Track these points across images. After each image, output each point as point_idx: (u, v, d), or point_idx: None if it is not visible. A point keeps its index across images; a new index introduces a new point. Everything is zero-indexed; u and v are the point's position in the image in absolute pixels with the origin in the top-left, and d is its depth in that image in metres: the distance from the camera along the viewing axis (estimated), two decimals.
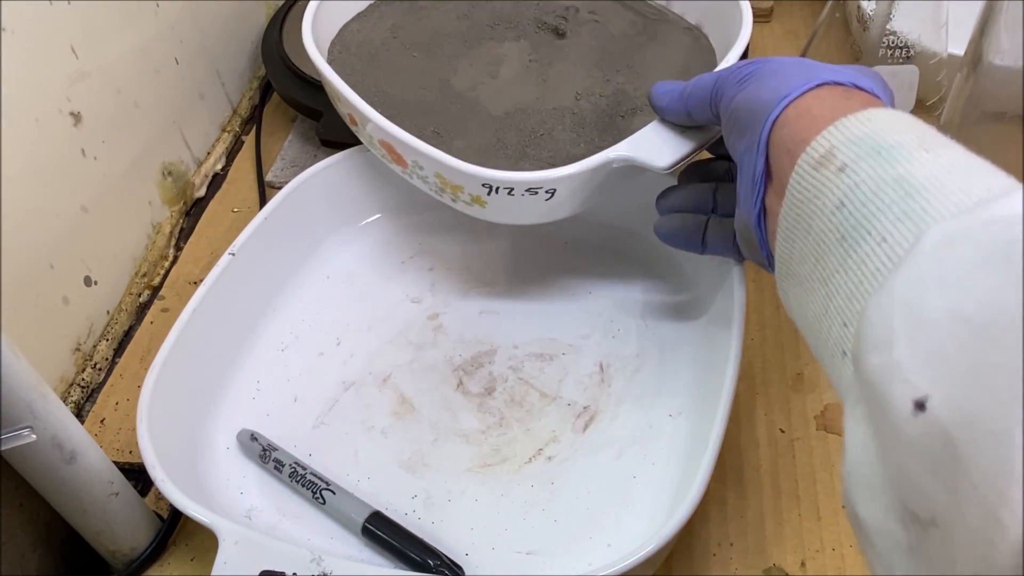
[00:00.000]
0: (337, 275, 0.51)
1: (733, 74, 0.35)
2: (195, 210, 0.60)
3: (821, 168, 0.27)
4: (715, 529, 0.40)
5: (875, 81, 0.31)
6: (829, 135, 0.27)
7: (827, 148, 0.27)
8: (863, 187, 0.25)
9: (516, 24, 0.51)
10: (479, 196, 0.41)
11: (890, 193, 0.25)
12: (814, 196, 0.27)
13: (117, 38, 0.52)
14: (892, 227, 0.24)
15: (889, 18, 0.50)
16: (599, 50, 0.49)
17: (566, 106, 0.46)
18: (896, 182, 0.25)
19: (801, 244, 0.28)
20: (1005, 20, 0.38)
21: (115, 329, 0.52)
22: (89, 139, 0.50)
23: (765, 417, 0.45)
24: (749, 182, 0.32)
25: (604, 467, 0.41)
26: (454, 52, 0.50)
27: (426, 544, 0.37)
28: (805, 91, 0.30)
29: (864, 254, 0.25)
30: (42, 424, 0.34)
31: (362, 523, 0.38)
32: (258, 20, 0.70)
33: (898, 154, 0.25)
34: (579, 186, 0.41)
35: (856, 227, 0.25)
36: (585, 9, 0.52)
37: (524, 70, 0.48)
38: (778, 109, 0.30)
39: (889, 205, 0.24)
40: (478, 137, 0.45)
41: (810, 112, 0.29)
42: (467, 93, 0.47)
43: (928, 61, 0.52)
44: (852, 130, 0.27)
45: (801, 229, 0.28)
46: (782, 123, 0.30)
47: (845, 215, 0.26)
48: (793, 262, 0.29)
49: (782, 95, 0.30)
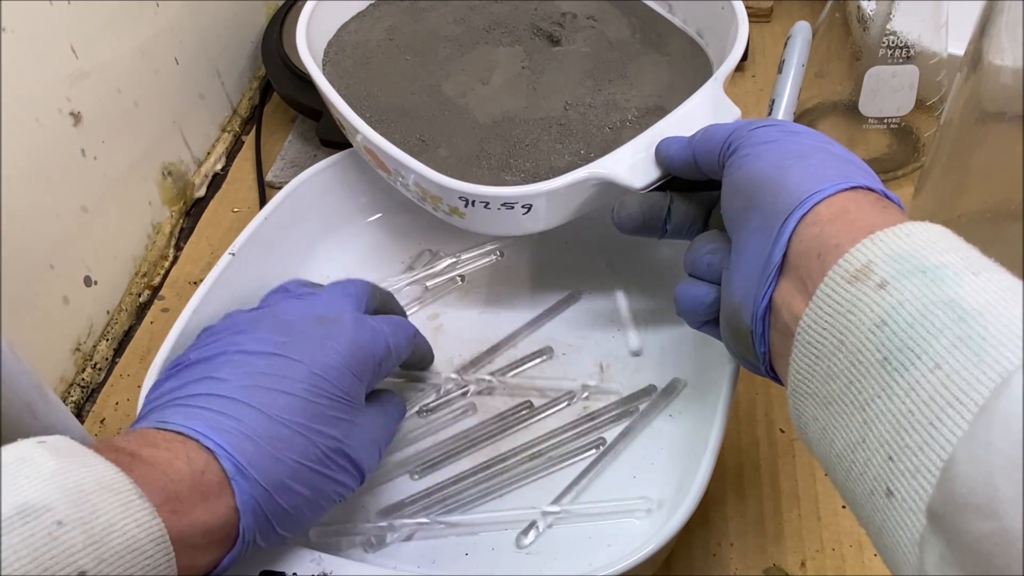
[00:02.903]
0: (337, 275, 0.51)
1: (751, 134, 0.32)
2: (195, 210, 0.60)
3: (857, 283, 0.25)
4: (715, 529, 0.40)
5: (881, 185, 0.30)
6: (866, 248, 0.26)
7: (864, 262, 0.25)
8: (908, 307, 0.24)
9: (512, 29, 0.51)
10: (457, 207, 0.42)
11: (941, 316, 0.23)
12: (848, 311, 0.25)
13: (117, 38, 0.52)
14: (947, 353, 0.22)
15: (889, 18, 0.50)
16: (593, 58, 0.49)
17: (554, 116, 0.45)
18: (947, 305, 0.23)
19: (829, 362, 0.26)
20: (1005, 20, 0.38)
21: (115, 329, 0.52)
22: (89, 139, 0.50)
23: (765, 417, 0.45)
24: (758, 270, 0.29)
25: (604, 467, 0.41)
26: (448, 56, 0.50)
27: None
28: (840, 190, 0.28)
29: (913, 379, 0.23)
30: (42, 424, 0.34)
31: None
32: (258, 20, 0.70)
33: (944, 275, 0.24)
34: (556, 202, 0.41)
35: (902, 348, 0.23)
36: (583, 14, 0.51)
37: (516, 77, 0.48)
38: (809, 204, 0.28)
39: (941, 329, 0.23)
40: (462, 146, 0.45)
41: (846, 216, 0.27)
42: (457, 100, 0.47)
43: (928, 61, 0.52)
44: (891, 245, 0.25)
45: (830, 345, 0.26)
46: (812, 220, 0.28)
47: (888, 335, 0.24)
48: (816, 380, 0.27)
49: (814, 189, 0.28)
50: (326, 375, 0.33)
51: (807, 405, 0.27)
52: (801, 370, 0.27)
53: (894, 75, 0.52)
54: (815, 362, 0.27)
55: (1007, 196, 0.43)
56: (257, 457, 0.30)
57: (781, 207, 0.29)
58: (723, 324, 0.33)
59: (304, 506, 0.31)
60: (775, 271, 0.29)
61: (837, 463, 0.26)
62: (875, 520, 0.24)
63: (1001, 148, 0.41)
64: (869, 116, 0.54)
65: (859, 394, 0.25)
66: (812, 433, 0.27)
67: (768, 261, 0.29)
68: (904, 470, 0.23)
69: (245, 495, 0.29)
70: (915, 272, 0.24)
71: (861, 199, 0.28)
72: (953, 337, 0.22)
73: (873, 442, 0.24)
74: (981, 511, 0.19)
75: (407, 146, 0.44)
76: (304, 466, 0.31)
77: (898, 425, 0.23)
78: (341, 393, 0.33)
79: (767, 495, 0.42)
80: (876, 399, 0.24)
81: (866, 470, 0.24)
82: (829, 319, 0.26)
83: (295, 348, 0.33)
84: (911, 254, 0.25)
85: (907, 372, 0.23)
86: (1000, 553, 0.19)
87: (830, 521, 0.40)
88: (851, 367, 0.25)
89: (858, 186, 0.29)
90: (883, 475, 0.23)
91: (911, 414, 0.23)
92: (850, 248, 0.26)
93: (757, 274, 0.29)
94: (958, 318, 0.23)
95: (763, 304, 0.29)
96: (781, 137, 0.32)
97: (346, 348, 0.34)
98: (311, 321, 0.35)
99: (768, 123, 0.33)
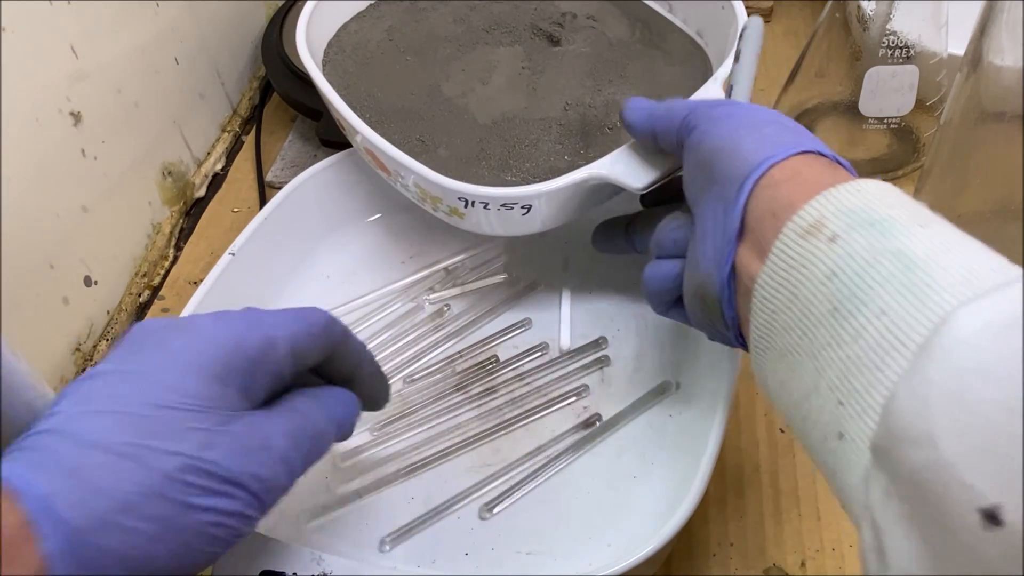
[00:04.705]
0: (337, 275, 0.51)
1: (708, 110, 0.33)
2: (195, 210, 0.60)
3: (809, 237, 0.26)
4: (715, 529, 0.40)
5: None
6: (819, 204, 0.26)
7: (817, 217, 0.26)
8: (857, 258, 0.25)
9: (512, 29, 0.51)
10: (456, 208, 0.41)
11: (888, 266, 0.24)
12: (802, 264, 0.26)
13: (117, 38, 0.52)
14: (892, 300, 0.23)
15: (889, 18, 0.50)
16: (594, 58, 0.49)
17: (554, 116, 0.45)
18: (894, 255, 0.24)
19: (784, 315, 0.27)
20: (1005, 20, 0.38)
21: (115, 329, 0.52)
22: (89, 139, 0.50)
23: (765, 417, 0.45)
24: (719, 238, 0.30)
25: (604, 467, 0.41)
26: (448, 56, 0.49)
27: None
28: (792, 155, 0.29)
29: (859, 326, 0.24)
30: None
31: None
32: (258, 20, 0.70)
33: (892, 227, 0.25)
34: (556, 203, 0.40)
35: (850, 298, 0.24)
36: (584, 14, 0.51)
37: (516, 77, 0.48)
38: (762, 168, 0.29)
39: (888, 278, 0.24)
40: (462, 146, 0.44)
41: (799, 176, 0.28)
42: (456, 100, 0.47)
43: (928, 61, 0.52)
44: (843, 200, 0.26)
45: (784, 299, 0.27)
46: (767, 183, 0.29)
47: (838, 285, 0.25)
48: (774, 334, 0.28)
49: (768, 154, 0.29)
50: (169, 381, 0.27)
51: (766, 359, 0.28)
52: (760, 326, 0.28)
53: (894, 75, 0.52)
54: (772, 317, 0.27)
55: (1007, 196, 0.43)
56: (70, 492, 0.25)
57: (736, 174, 0.30)
58: (691, 296, 0.33)
59: (154, 545, 0.25)
60: (735, 235, 0.29)
61: (795, 412, 0.27)
62: (829, 463, 0.25)
63: (1001, 148, 0.41)
64: (869, 116, 0.54)
65: (811, 344, 0.25)
66: (772, 386, 0.28)
67: (727, 228, 0.30)
68: (853, 412, 0.23)
69: (52, 541, 0.24)
70: (865, 225, 0.25)
71: (813, 162, 0.29)
72: (899, 284, 0.23)
73: (825, 389, 0.25)
74: (918, 442, 0.20)
75: (407, 146, 0.44)
76: (140, 495, 0.25)
77: (846, 371, 0.24)
78: (192, 400, 0.27)
79: (767, 495, 0.42)
80: (826, 347, 0.25)
81: (820, 416, 0.25)
82: (784, 274, 0.27)
83: (135, 359, 0.28)
84: (861, 208, 0.26)
85: (854, 319, 0.24)
86: (935, 480, 0.19)
87: (830, 521, 0.40)
88: (803, 318, 0.26)
89: (809, 151, 0.29)
90: (835, 419, 0.24)
91: (859, 359, 0.23)
92: (803, 206, 0.27)
93: (718, 242, 0.30)
94: (904, 267, 0.23)
95: (727, 268, 0.30)
96: (735, 112, 0.33)
97: (198, 346, 0.28)
98: (162, 328, 0.29)
99: (725, 102, 0.34)
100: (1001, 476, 0.18)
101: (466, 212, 0.41)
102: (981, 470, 0.19)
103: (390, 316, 0.49)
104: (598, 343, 0.46)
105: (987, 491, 0.18)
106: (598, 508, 0.40)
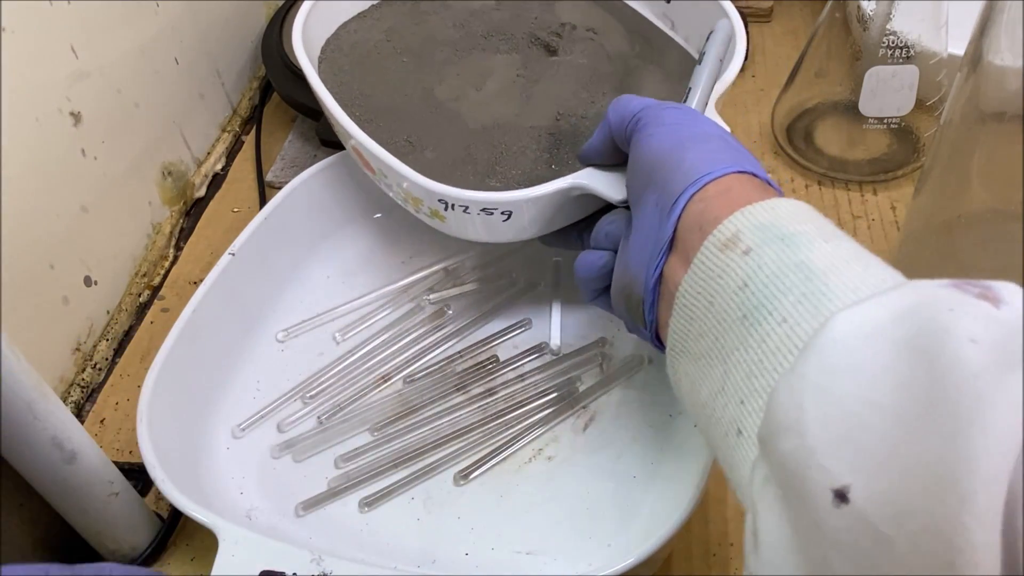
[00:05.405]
0: (337, 275, 0.51)
1: (658, 112, 0.34)
2: (195, 210, 0.60)
3: (727, 250, 0.28)
4: (715, 529, 0.40)
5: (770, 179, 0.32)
6: (736, 220, 0.28)
7: (734, 231, 0.28)
8: (766, 269, 0.26)
9: (510, 37, 0.50)
10: (437, 211, 0.41)
11: (791, 277, 0.26)
12: (718, 275, 0.28)
13: (117, 38, 0.52)
14: (793, 308, 0.25)
15: (889, 18, 0.50)
16: (590, 70, 0.48)
17: (544, 125, 0.44)
18: (797, 267, 0.26)
19: (701, 322, 0.28)
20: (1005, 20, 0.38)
21: (115, 329, 0.52)
22: (89, 139, 0.50)
23: None
24: (651, 245, 0.32)
25: (604, 467, 0.41)
26: (444, 60, 0.49)
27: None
28: (729, 173, 0.30)
29: (765, 332, 0.25)
30: (42, 424, 0.34)
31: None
32: (258, 20, 0.70)
33: (799, 241, 0.27)
34: (537, 210, 0.40)
35: (758, 307, 0.26)
36: (584, 26, 0.50)
37: (510, 85, 0.47)
38: (700, 184, 0.30)
39: (790, 288, 0.25)
40: (450, 150, 0.44)
41: (729, 193, 0.30)
42: (448, 103, 0.46)
43: (928, 61, 0.52)
44: (758, 216, 0.28)
45: (702, 306, 0.28)
46: (700, 197, 0.30)
47: (748, 295, 0.26)
48: (690, 339, 0.29)
49: (706, 170, 0.30)
50: None
51: (681, 362, 0.30)
52: (678, 331, 0.30)
53: (894, 75, 0.52)
54: (689, 323, 0.29)
55: (1007, 196, 0.43)
56: None
57: (675, 187, 0.31)
58: (617, 292, 0.35)
59: None
60: (666, 245, 0.31)
61: (702, 411, 0.29)
62: (728, 459, 0.27)
63: (1001, 148, 0.41)
64: (869, 116, 0.54)
65: (722, 348, 0.27)
66: (684, 386, 0.30)
67: (659, 236, 0.31)
68: (751, 410, 0.25)
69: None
70: (775, 240, 0.27)
71: (746, 181, 0.30)
72: (799, 294, 0.25)
73: (730, 389, 0.27)
74: (790, 430, 0.22)
75: (394, 146, 0.43)
76: None
77: (750, 373, 0.26)
78: None
79: None
80: (735, 351, 0.27)
81: (723, 414, 0.27)
82: (703, 283, 0.28)
83: None
84: (773, 223, 0.28)
85: (760, 326, 0.26)
86: (799, 463, 0.21)
87: None
88: (717, 325, 0.28)
89: (745, 171, 0.31)
90: (735, 417, 0.26)
91: (760, 362, 0.25)
92: (724, 220, 0.28)
93: (650, 248, 0.32)
94: (805, 278, 0.25)
95: (654, 276, 0.31)
96: (684, 120, 0.34)
97: None
98: None
99: (676, 106, 0.35)
100: (854, 461, 0.20)
101: (447, 215, 0.41)
102: (838, 456, 0.20)
103: (390, 316, 0.49)
104: (599, 343, 0.46)
105: (841, 473, 0.20)
106: (598, 508, 0.40)
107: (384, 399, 0.45)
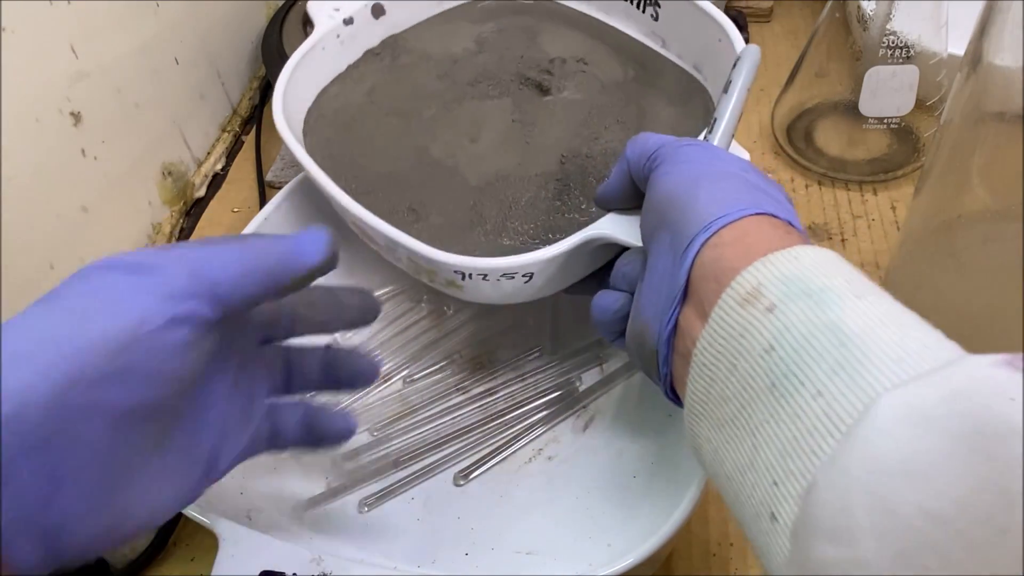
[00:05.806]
0: (337, 275, 0.51)
1: (675, 150, 0.32)
2: (195, 210, 0.60)
3: (748, 305, 0.25)
4: (715, 529, 0.40)
5: (793, 215, 0.29)
6: (756, 271, 0.26)
7: (755, 284, 0.25)
8: (794, 331, 0.24)
9: (498, 80, 0.47)
10: (454, 280, 0.38)
11: (823, 340, 0.23)
12: (740, 335, 0.25)
13: (117, 38, 0.52)
14: (828, 380, 0.22)
15: (889, 18, 0.50)
16: (587, 104, 0.46)
17: (550, 171, 0.42)
18: (828, 328, 0.23)
19: (723, 385, 0.26)
20: (1005, 20, 0.38)
21: None
22: (89, 139, 0.50)
23: None
24: (665, 292, 0.29)
25: (604, 467, 0.41)
26: (433, 116, 0.46)
27: None
28: (745, 216, 0.28)
29: (798, 406, 0.23)
30: None
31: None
32: (258, 20, 0.70)
33: (828, 298, 0.24)
34: (558, 267, 0.38)
35: (788, 375, 0.23)
36: (573, 58, 0.48)
37: (506, 132, 0.45)
38: (713, 229, 0.28)
39: (823, 354, 0.23)
40: (456, 212, 0.42)
41: (745, 239, 0.27)
42: (445, 161, 0.44)
43: (928, 61, 0.52)
44: (780, 268, 0.25)
45: (723, 368, 0.26)
46: (714, 243, 0.28)
47: (775, 360, 0.24)
48: (711, 403, 0.27)
49: (720, 213, 0.28)
50: None
51: (702, 426, 0.27)
52: (697, 392, 0.27)
53: (894, 75, 0.52)
54: (710, 385, 0.27)
55: (1007, 196, 0.43)
56: None
57: (688, 230, 0.28)
58: (631, 338, 0.32)
59: None
60: (680, 295, 0.28)
61: (727, 484, 0.26)
62: (760, 542, 0.24)
63: (1001, 148, 0.41)
64: (869, 116, 0.54)
65: (750, 419, 0.25)
66: (705, 454, 0.27)
67: (673, 284, 0.29)
68: (786, 495, 0.23)
69: None
70: (801, 295, 0.24)
71: (764, 224, 0.28)
72: (833, 362, 0.23)
73: (761, 466, 0.24)
74: (838, 539, 0.20)
75: (397, 217, 0.41)
76: None
77: (783, 451, 0.23)
78: None
79: None
80: (765, 424, 0.24)
81: (753, 493, 0.24)
82: (723, 343, 0.26)
83: None
84: (798, 276, 0.25)
85: (792, 400, 0.23)
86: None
87: None
88: (742, 391, 0.25)
89: (764, 213, 0.28)
90: (768, 499, 0.23)
91: (795, 441, 0.23)
92: (742, 271, 0.26)
93: (664, 296, 0.29)
94: (839, 342, 0.23)
95: (668, 328, 0.29)
96: (701, 158, 0.31)
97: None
98: None
99: (695, 143, 0.33)
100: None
101: (464, 284, 0.38)
102: (892, 572, 0.18)
103: (390, 316, 0.49)
104: (599, 343, 0.46)
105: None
106: (598, 508, 0.40)
107: (384, 399, 0.45)
